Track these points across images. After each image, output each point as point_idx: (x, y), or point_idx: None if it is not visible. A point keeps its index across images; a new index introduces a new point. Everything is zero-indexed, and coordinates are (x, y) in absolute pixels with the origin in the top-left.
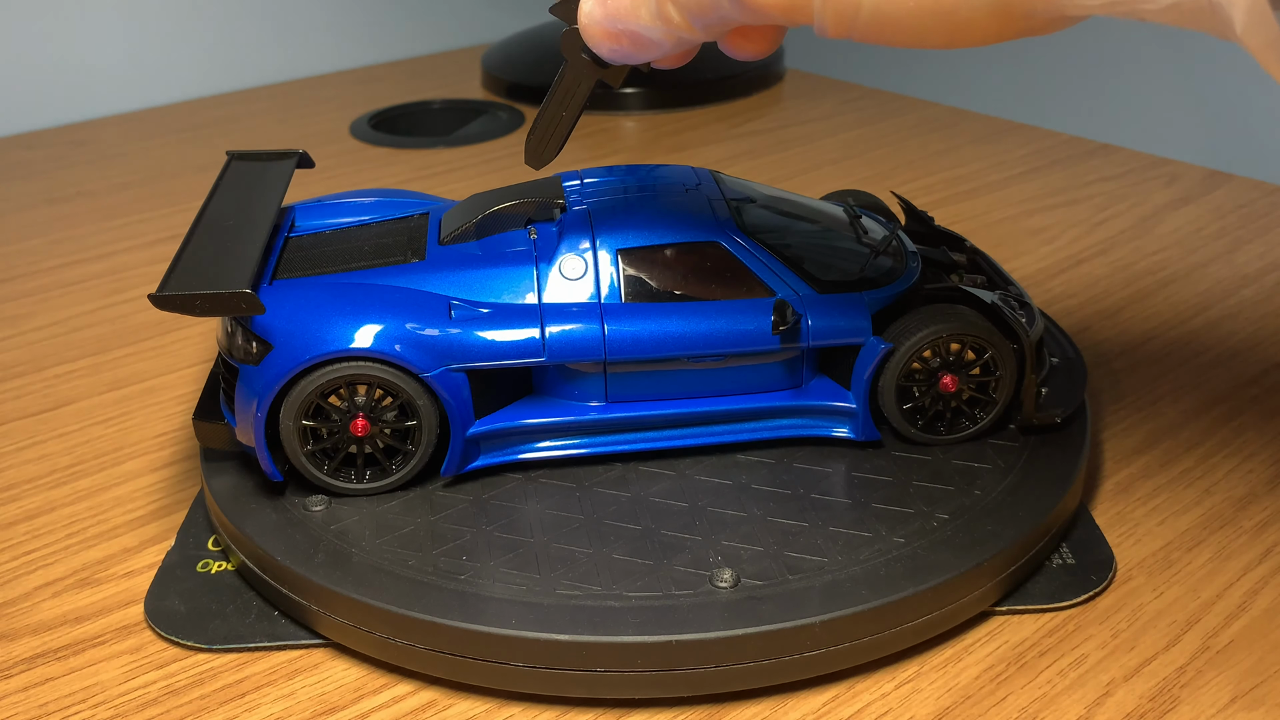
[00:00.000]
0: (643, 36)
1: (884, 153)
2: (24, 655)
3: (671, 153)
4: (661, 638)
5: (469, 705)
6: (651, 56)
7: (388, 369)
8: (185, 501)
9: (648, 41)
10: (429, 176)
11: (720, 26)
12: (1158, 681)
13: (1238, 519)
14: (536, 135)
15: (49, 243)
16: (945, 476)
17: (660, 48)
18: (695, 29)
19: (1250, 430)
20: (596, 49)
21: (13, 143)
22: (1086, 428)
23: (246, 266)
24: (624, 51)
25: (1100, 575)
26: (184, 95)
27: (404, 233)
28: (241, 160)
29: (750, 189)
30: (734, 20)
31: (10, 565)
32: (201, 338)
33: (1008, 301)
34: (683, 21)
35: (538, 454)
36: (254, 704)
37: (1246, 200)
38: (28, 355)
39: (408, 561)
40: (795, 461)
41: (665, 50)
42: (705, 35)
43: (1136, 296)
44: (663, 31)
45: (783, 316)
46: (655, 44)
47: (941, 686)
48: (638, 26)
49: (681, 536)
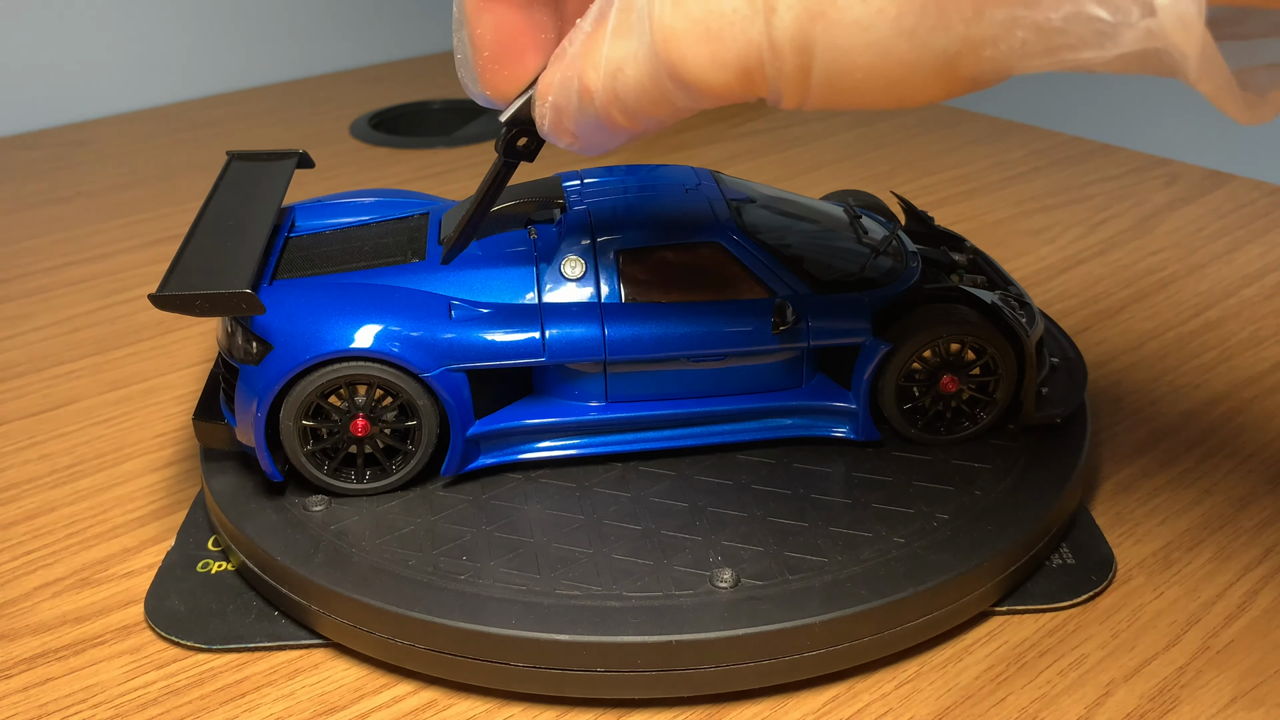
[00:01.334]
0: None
1: (884, 153)
2: (24, 655)
3: (671, 153)
4: (661, 638)
5: (469, 705)
6: (610, 148)
7: (388, 369)
8: (185, 501)
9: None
10: (429, 176)
11: (672, 118)
12: (1158, 681)
13: (1238, 519)
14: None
15: (49, 243)
16: (945, 476)
17: (615, 142)
18: (643, 126)
19: (1250, 430)
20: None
21: (13, 143)
22: (1086, 428)
23: (246, 266)
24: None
25: (1100, 575)
26: (184, 95)
27: (404, 233)
28: (241, 160)
29: (750, 189)
30: (688, 110)
31: (10, 565)
32: (201, 338)
33: (1008, 301)
34: (630, 121)
35: (538, 454)
36: (254, 704)
37: (1246, 200)
38: (28, 355)
39: (408, 561)
40: (795, 461)
41: (621, 143)
42: (656, 128)
43: (1136, 296)
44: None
45: (783, 316)
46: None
47: (941, 686)
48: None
49: (681, 536)
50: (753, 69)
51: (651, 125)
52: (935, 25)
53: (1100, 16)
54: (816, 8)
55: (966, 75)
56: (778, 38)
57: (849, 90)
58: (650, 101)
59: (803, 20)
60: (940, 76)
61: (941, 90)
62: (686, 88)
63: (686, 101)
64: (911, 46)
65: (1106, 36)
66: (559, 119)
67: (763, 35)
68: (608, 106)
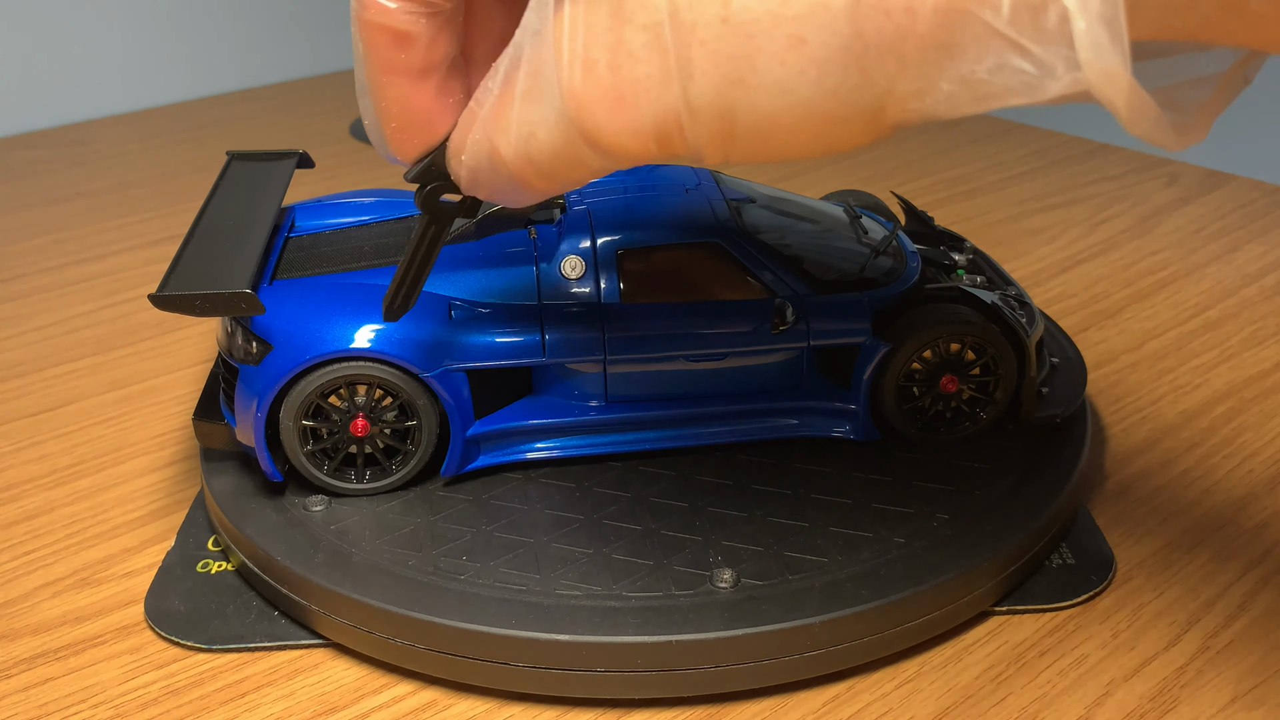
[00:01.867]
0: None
1: (884, 153)
2: (24, 655)
3: None
4: (661, 638)
5: (469, 705)
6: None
7: (387, 369)
8: (185, 501)
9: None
10: None
11: (589, 178)
12: (1158, 681)
13: (1238, 519)
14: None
15: (49, 243)
16: (945, 476)
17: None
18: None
19: (1250, 430)
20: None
21: (13, 143)
22: (1086, 428)
23: (246, 266)
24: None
25: (1100, 575)
26: (184, 95)
27: (404, 233)
28: (241, 160)
29: (750, 189)
30: (603, 170)
31: (10, 565)
32: (201, 338)
33: (1008, 301)
34: (547, 182)
35: (538, 454)
36: (254, 704)
37: (1246, 200)
38: (28, 355)
39: (408, 561)
40: (795, 461)
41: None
42: (576, 186)
43: (1136, 296)
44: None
45: (783, 317)
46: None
47: (941, 686)
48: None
49: (681, 536)
50: (670, 133)
51: (565, 186)
52: (858, 84)
53: (1025, 69)
54: (735, 74)
55: (892, 124)
56: (696, 103)
57: (774, 146)
58: (565, 165)
59: (720, 86)
60: (866, 128)
61: (869, 138)
62: (603, 152)
63: (602, 164)
64: (836, 105)
65: (1033, 87)
66: (474, 179)
67: (678, 100)
68: (521, 170)
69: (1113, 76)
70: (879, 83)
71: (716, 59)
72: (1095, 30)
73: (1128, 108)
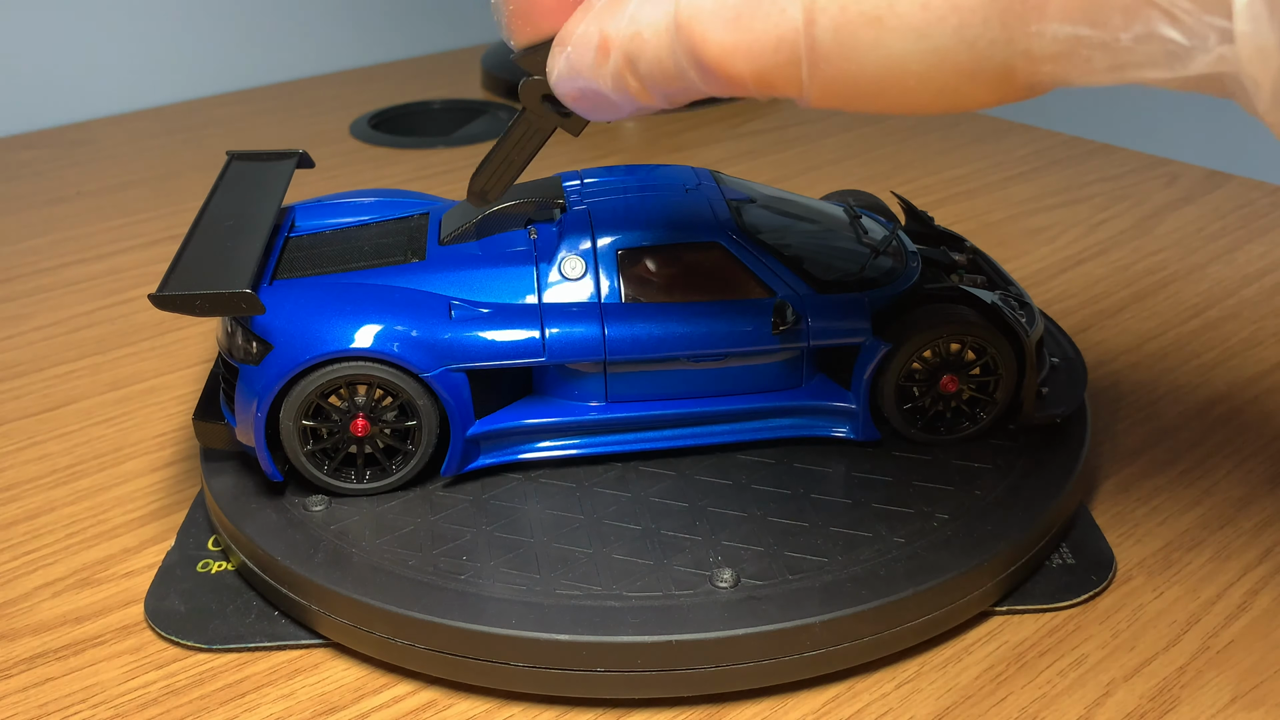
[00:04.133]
0: (605, 98)
1: (884, 153)
2: (24, 655)
3: (671, 153)
4: (661, 638)
5: (469, 705)
6: (615, 116)
7: (387, 369)
8: (185, 501)
9: (609, 104)
10: (429, 176)
11: (684, 97)
12: (1158, 681)
13: (1238, 519)
14: (485, 173)
15: (49, 243)
16: (945, 476)
17: (622, 110)
18: (654, 98)
19: (1250, 430)
20: (562, 100)
21: (13, 143)
22: (1086, 428)
23: (246, 266)
24: (587, 108)
25: (1100, 575)
26: (184, 95)
27: (404, 233)
28: (241, 160)
29: (750, 189)
30: (700, 92)
31: (10, 565)
32: (201, 338)
33: (1008, 301)
34: (641, 90)
35: (538, 454)
36: (254, 704)
37: (1246, 200)
38: (28, 355)
39: (408, 561)
40: (795, 461)
41: (628, 113)
42: (667, 104)
43: (1136, 296)
44: (623, 96)
45: (783, 317)
46: (616, 106)
47: (941, 686)
48: (599, 87)
49: (681, 536)
50: (780, 65)
51: (661, 101)
52: (997, 38)
53: (1175, 38)
54: (873, 10)
55: (1023, 85)
56: (822, 38)
57: (896, 96)
58: (664, 74)
59: (856, 23)
60: (995, 86)
61: (995, 98)
62: (702, 70)
63: (698, 83)
64: (970, 57)
65: (1177, 59)
66: (572, 72)
67: (800, 34)
68: (622, 68)
69: (1266, 54)
70: (1018, 40)
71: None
72: (1256, 3)
73: (1272, 90)
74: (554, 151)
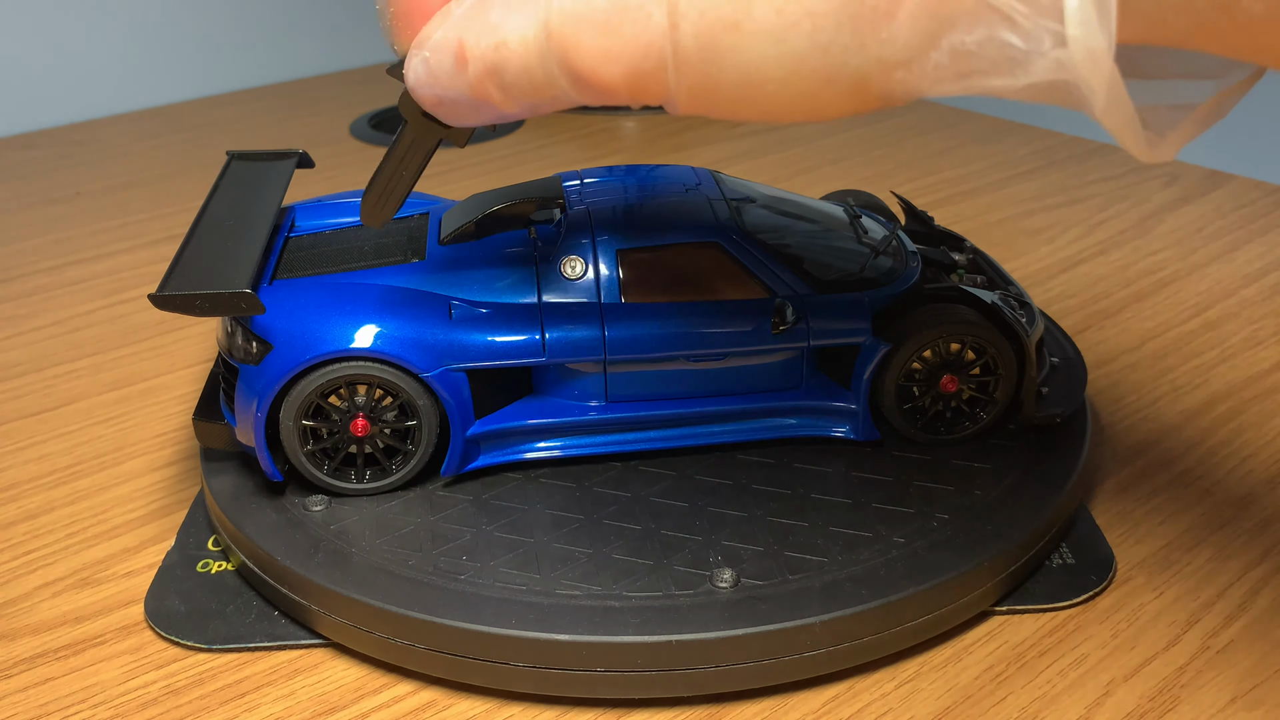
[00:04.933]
0: (464, 105)
1: (884, 153)
2: (24, 655)
3: (671, 153)
4: (661, 638)
5: (469, 705)
6: (478, 123)
7: (387, 369)
8: (185, 501)
9: (470, 111)
10: (429, 176)
11: (550, 107)
12: (1158, 681)
13: (1238, 519)
14: (374, 193)
15: (49, 243)
16: (945, 476)
17: (483, 118)
18: (519, 108)
19: (1250, 430)
20: (421, 105)
21: (13, 143)
22: (1086, 428)
23: (246, 266)
24: (447, 115)
25: (1100, 575)
26: (184, 95)
27: (404, 233)
28: (241, 160)
29: (750, 189)
30: (570, 101)
31: (10, 565)
32: (201, 338)
33: (1008, 301)
34: (505, 100)
35: (538, 454)
36: (254, 704)
37: (1246, 200)
38: (28, 355)
39: (408, 561)
40: (795, 461)
41: (489, 121)
42: (531, 114)
43: (1136, 296)
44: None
45: (783, 316)
46: (477, 113)
47: (941, 686)
48: (457, 96)
49: (681, 536)
50: (650, 71)
51: (525, 111)
52: (849, 44)
53: (1013, 43)
54: (730, 16)
55: (877, 94)
56: (684, 44)
57: (756, 101)
58: (531, 84)
59: (715, 28)
60: (851, 94)
61: (853, 106)
62: (574, 78)
63: (569, 92)
64: (825, 63)
65: (1018, 64)
66: (430, 80)
67: (666, 39)
68: (482, 79)
69: (1096, 57)
70: (870, 46)
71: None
72: (1086, 6)
73: (1106, 94)
74: (554, 151)
